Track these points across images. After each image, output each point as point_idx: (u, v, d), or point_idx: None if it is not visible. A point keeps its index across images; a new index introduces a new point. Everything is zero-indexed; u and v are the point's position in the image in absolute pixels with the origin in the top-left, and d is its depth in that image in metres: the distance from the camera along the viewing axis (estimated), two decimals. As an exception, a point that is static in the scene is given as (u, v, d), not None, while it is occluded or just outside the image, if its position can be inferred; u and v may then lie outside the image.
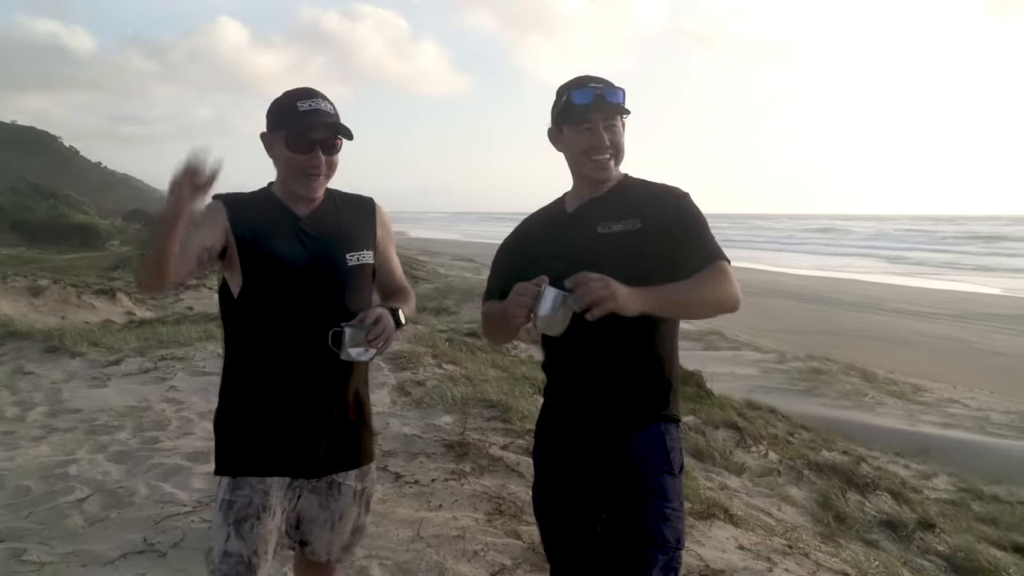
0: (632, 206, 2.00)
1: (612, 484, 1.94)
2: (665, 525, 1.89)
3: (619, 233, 1.96)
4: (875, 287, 28.51)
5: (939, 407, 10.65)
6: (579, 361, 2.00)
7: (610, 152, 2.02)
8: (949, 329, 18.05)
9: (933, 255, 47.71)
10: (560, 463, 2.06)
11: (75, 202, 53.89)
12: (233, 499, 1.95)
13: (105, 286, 16.27)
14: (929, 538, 5.43)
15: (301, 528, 2.11)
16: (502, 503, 3.94)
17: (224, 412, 2.06)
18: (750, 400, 9.22)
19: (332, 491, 2.08)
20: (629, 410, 1.96)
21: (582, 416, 2.01)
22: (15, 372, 7.29)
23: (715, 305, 1.93)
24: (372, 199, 2.21)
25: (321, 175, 2.00)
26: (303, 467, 2.02)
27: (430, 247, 46.38)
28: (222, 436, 2.05)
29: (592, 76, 2.04)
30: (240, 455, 2.00)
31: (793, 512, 5.44)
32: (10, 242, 36.47)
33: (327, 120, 1.96)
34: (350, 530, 2.14)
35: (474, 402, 5.83)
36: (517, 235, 2.22)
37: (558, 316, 1.74)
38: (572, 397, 2.05)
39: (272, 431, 1.99)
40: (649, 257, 1.91)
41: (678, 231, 1.95)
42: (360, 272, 2.07)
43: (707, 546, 3.71)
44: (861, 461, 7.13)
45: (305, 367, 1.98)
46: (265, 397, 2.00)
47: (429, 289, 20.76)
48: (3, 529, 3.63)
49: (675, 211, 1.98)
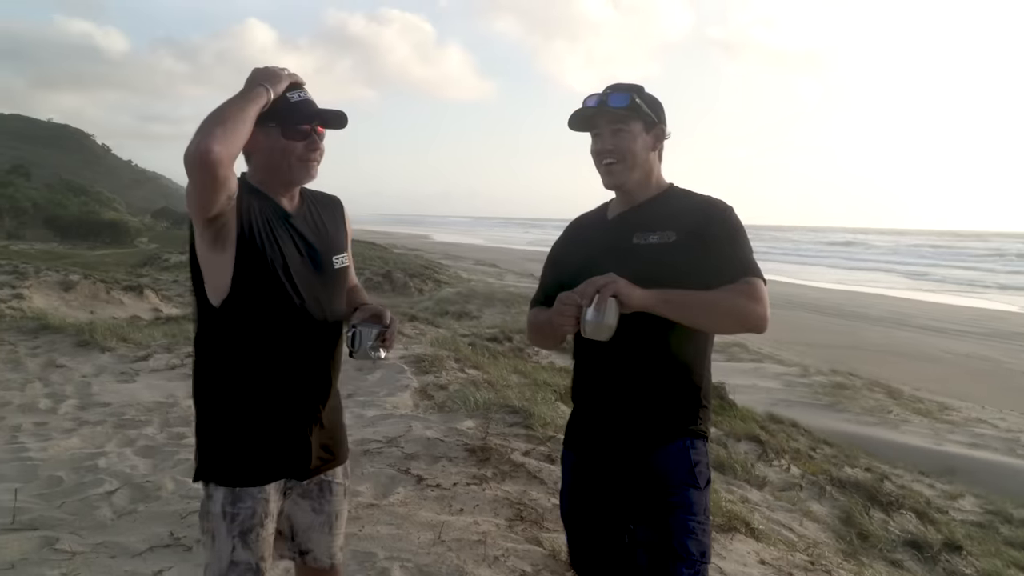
0: (670, 218, 1.98)
1: (639, 496, 1.95)
2: (690, 539, 1.89)
3: (654, 245, 1.95)
4: (901, 302, 28.16)
5: (966, 426, 10.48)
6: (610, 372, 2.00)
7: (614, 157, 2.00)
8: (977, 347, 17.78)
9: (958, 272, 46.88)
10: (588, 471, 2.07)
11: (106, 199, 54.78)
12: (236, 512, 1.92)
13: (133, 282, 16.50)
14: (955, 560, 5.35)
15: (297, 539, 2.10)
16: (523, 509, 3.95)
17: (212, 420, 1.98)
18: (772, 413, 9.15)
19: (324, 492, 2.09)
20: (656, 424, 1.96)
21: (610, 427, 2.01)
22: (48, 365, 7.43)
23: (732, 321, 1.89)
24: (339, 199, 2.21)
25: (318, 161, 2.00)
26: (296, 469, 2.02)
27: (453, 251, 46.53)
28: (212, 445, 1.97)
29: (615, 84, 2.04)
30: (238, 465, 1.95)
31: (815, 528, 5.40)
32: (43, 237, 37.14)
33: (317, 109, 1.98)
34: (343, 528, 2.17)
35: (496, 407, 5.84)
36: (560, 242, 2.24)
37: (604, 322, 1.76)
38: (601, 407, 2.05)
39: (268, 437, 1.96)
40: (682, 270, 1.89)
41: (713, 245, 1.91)
42: (343, 274, 2.11)
43: (728, 559, 3.70)
44: (885, 479, 7.04)
45: (297, 370, 1.97)
46: (257, 402, 1.95)
47: (452, 293, 20.83)
48: (37, 518, 3.70)
49: (713, 225, 1.95)
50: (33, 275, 14.19)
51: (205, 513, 1.96)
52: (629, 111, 1.99)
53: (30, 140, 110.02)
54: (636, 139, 2.00)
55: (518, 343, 11.35)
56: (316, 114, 1.97)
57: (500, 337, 11.51)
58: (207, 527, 1.95)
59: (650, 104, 2.03)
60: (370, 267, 23.62)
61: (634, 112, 1.99)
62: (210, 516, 1.94)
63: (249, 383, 1.95)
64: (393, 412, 5.80)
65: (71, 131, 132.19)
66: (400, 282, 22.59)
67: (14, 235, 37.59)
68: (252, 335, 1.93)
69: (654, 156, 2.06)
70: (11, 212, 43.01)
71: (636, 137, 2.00)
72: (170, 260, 26.37)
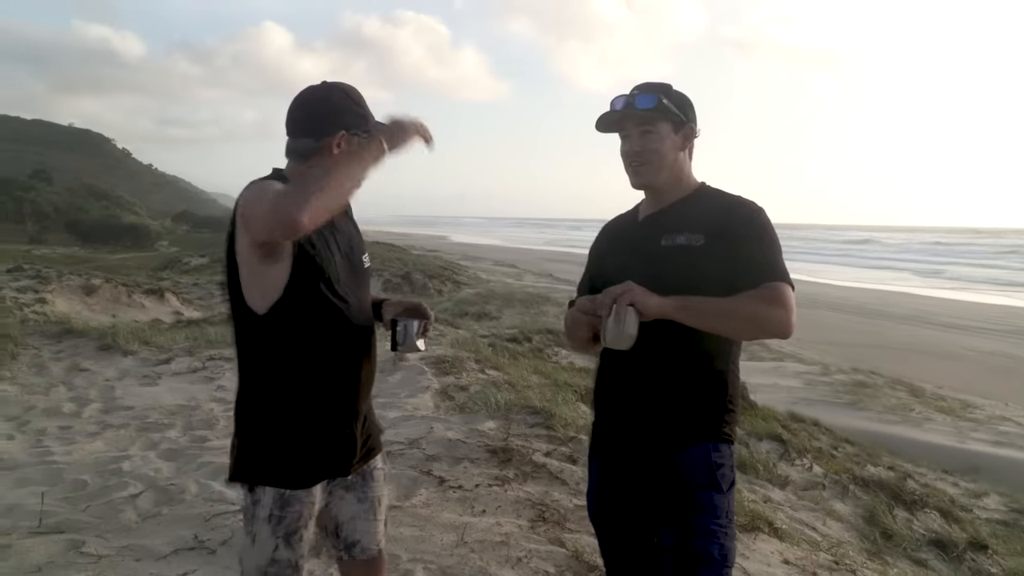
0: (698, 219, 1.96)
1: (662, 499, 1.94)
2: (711, 542, 1.88)
3: (681, 247, 1.93)
4: (922, 300, 27.88)
5: (990, 424, 10.35)
6: (633, 376, 1.99)
7: (642, 159, 1.99)
8: (1001, 345, 17.57)
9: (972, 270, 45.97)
10: (615, 473, 2.07)
11: (126, 203, 55.36)
12: (283, 515, 1.92)
13: (154, 286, 16.67)
14: (981, 559, 5.29)
15: (343, 533, 2.11)
16: (545, 510, 3.94)
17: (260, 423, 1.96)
18: (794, 412, 9.08)
19: (366, 480, 2.12)
20: (680, 427, 1.95)
21: (634, 431, 2.01)
22: (71, 369, 7.51)
23: (753, 327, 1.87)
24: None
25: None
26: (342, 466, 2.05)
27: (471, 252, 46.59)
28: (262, 447, 1.95)
29: (643, 83, 2.03)
30: (289, 468, 1.94)
31: (838, 527, 5.35)
32: (65, 241, 37.58)
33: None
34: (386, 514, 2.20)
35: (517, 408, 5.84)
36: (595, 244, 2.25)
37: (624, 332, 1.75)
38: (625, 411, 2.04)
39: (317, 439, 1.96)
40: (708, 273, 1.88)
41: (739, 247, 1.88)
42: (370, 273, 2.15)
43: (752, 560, 3.68)
44: (908, 477, 6.97)
45: (343, 369, 1.99)
46: (307, 404, 1.95)
47: (471, 294, 20.87)
48: (63, 521, 3.74)
49: (740, 226, 1.92)
50: (56, 279, 14.37)
51: (250, 516, 1.94)
52: (656, 112, 1.97)
53: (52, 145, 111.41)
54: (664, 140, 1.99)
55: (538, 343, 11.35)
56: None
57: (520, 338, 11.51)
58: (250, 528, 1.94)
59: (678, 103, 2.01)
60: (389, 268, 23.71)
61: (661, 113, 1.98)
62: (255, 519, 1.93)
63: (298, 386, 1.94)
64: (414, 414, 5.82)
65: (92, 135, 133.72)
66: (419, 283, 22.68)
67: (36, 239, 38.11)
68: (301, 338, 1.92)
69: (683, 156, 2.04)
70: (33, 216, 43.59)
71: (664, 138, 1.99)
72: (191, 263, 26.62)
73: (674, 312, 1.79)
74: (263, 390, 1.96)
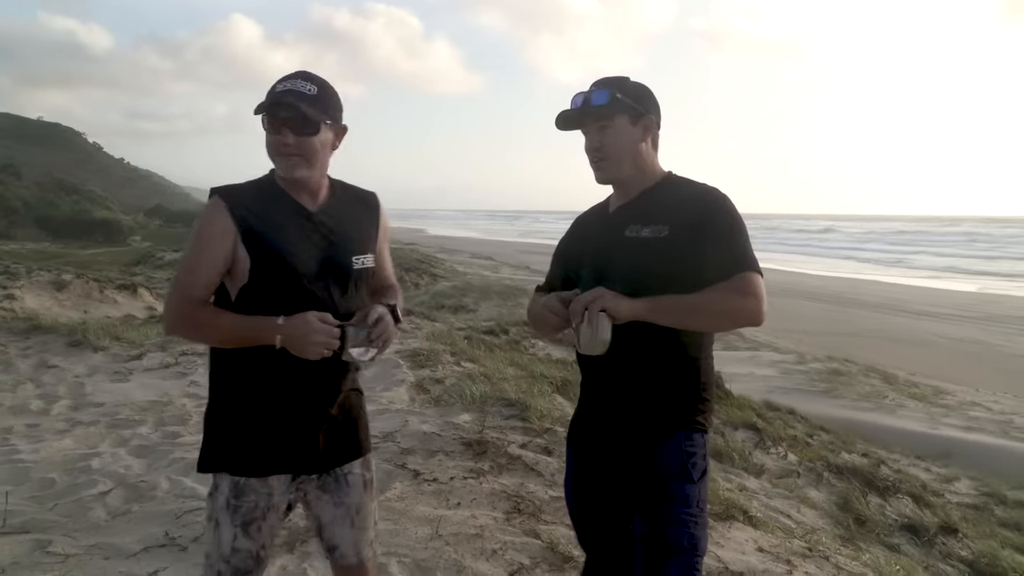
0: (663, 210, 1.95)
1: (636, 487, 1.95)
2: (681, 531, 1.89)
3: (646, 239, 1.94)
4: (894, 288, 28.27)
5: (961, 410, 10.52)
6: (607, 369, 2.01)
7: (602, 154, 2.00)
8: (971, 331, 17.86)
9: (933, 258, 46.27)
10: (591, 461, 2.09)
11: (98, 198, 54.56)
12: (239, 504, 1.96)
13: (127, 281, 16.45)
14: (951, 543, 5.37)
15: (324, 535, 2.12)
16: (521, 502, 3.94)
17: (219, 410, 2.01)
18: (769, 401, 9.17)
19: (340, 485, 2.08)
20: (653, 418, 1.96)
21: (609, 422, 2.02)
22: (40, 366, 7.39)
23: (725, 320, 1.90)
24: (376, 196, 2.17)
25: (292, 155, 1.92)
26: (304, 463, 2.02)
27: (448, 245, 46.46)
28: (218, 434, 2.00)
29: (599, 79, 2.03)
30: (241, 456, 1.97)
31: (813, 514, 5.41)
32: (35, 237, 36.99)
33: (295, 101, 1.88)
34: (371, 523, 2.15)
35: (493, 400, 5.83)
36: (566, 235, 2.26)
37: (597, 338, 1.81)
38: (599, 401, 2.07)
39: (271, 431, 1.97)
40: (674, 265, 1.88)
41: (704, 239, 1.88)
42: (363, 275, 2.06)
43: (726, 547, 3.70)
44: (881, 464, 7.07)
45: (302, 365, 1.92)
46: (263, 396, 1.97)
47: (448, 287, 20.83)
48: (29, 520, 3.67)
49: (705, 217, 1.91)
50: (25, 275, 14.14)
51: (211, 504, 2.00)
52: (611, 107, 1.98)
53: (20, 139, 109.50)
54: (622, 134, 1.99)
55: (514, 336, 11.34)
56: (287, 105, 1.88)
57: (496, 330, 11.50)
58: (211, 514, 1.99)
59: (634, 95, 2.01)
60: (365, 262, 23.57)
61: (616, 107, 1.98)
62: (215, 505, 1.98)
63: (256, 376, 1.95)
64: (389, 407, 5.79)
65: (62, 129, 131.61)
66: (396, 277, 22.57)
67: (5, 235, 37.46)
68: None
69: (646, 146, 2.03)
70: (2, 212, 42.83)
71: (621, 132, 1.99)
72: (164, 258, 26.30)
73: (646, 314, 1.82)
74: (225, 378, 2.00)
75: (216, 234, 1.91)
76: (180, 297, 1.92)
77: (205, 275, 1.92)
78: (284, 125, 1.90)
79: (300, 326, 1.83)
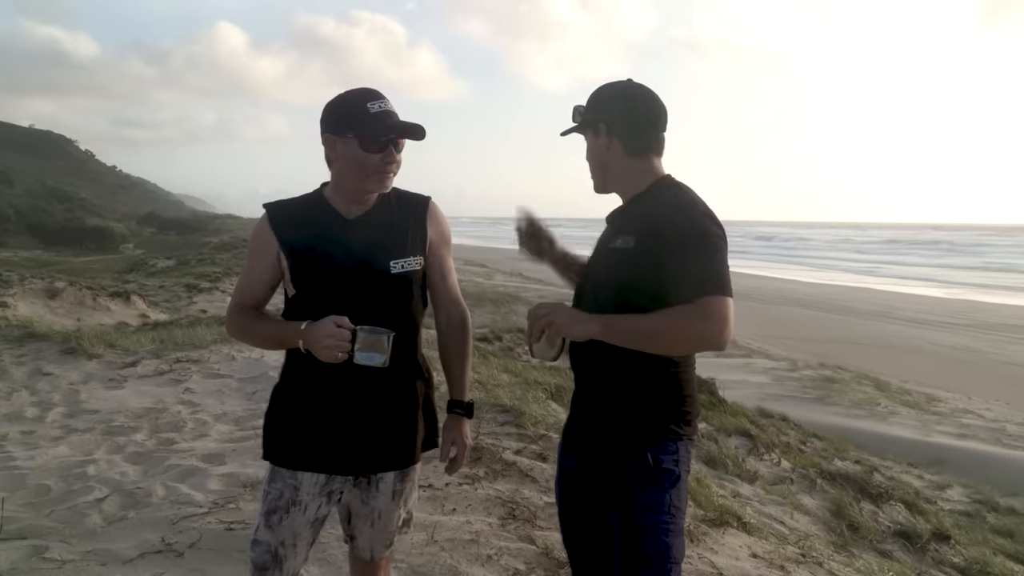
0: (632, 222, 1.92)
1: (612, 493, 1.95)
2: (653, 539, 1.87)
3: (617, 250, 1.92)
4: (886, 295, 28.37)
5: (954, 417, 10.58)
6: (581, 376, 2.06)
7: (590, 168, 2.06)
8: (964, 339, 17.94)
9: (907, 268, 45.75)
10: (575, 466, 2.10)
11: (90, 205, 54.42)
12: (269, 489, 2.07)
13: (120, 288, 16.42)
14: (944, 550, 5.40)
15: (350, 524, 2.22)
16: (516, 508, 3.95)
17: (272, 403, 2.16)
18: (762, 408, 9.21)
19: (371, 488, 2.14)
20: (625, 426, 1.93)
21: (588, 426, 2.04)
22: (34, 373, 7.37)
23: (683, 344, 1.80)
24: (428, 198, 2.19)
25: (394, 172, 2.05)
26: (338, 465, 2.07)
27: (442, 252, 46.32)
28: (266, 423, 2.16)
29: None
30: (277, 446, 2.10)
31: (806, 521, 5.43)
32: (27, 244, 36.86)
33: (397, 121, 1.99)
34: (393, 529, 2.21)
35: (487, 407, 5.84)
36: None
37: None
38: (580, 407, 2.09)
39: (306, 429, 2.06)
40: (638, 280, 1.84)
41: (668, 255, 1.78)
42: (405, 280, 2.06)
43: (720, 554, 3.72)
44: (874, 471, 7.10)
45: (343, 371, 1.95)
46: (305, 395, 2.08)
47: (441, 294, 20.78)
48: (25, 527, 3.67)
49: (674, 233, 1.79)
50: (17, 283, 14.10)
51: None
52: (579, 127, 2.04)
53: (11, 147, 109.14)
54: (589, 149, 2.05)
55: (508, 342, 11.36)
56: (394, 127, 1.99)
57: (490, 337, 11.53)
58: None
59: (591, 104, 2.02)
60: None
61: (581, 125, 2.03)
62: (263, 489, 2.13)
63: (298, 374, 2.08)
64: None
65: (53, 136, 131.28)
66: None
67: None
68: None
69: (617, 152, 1.98)
70: (-6, 220, 42.68)
71: (589, 147, 2.05)
72: (156, 265, 26.24)
73: (600, 335, 1.78)
74: (283, 374, 2.16)
75: (260, 246, 2.09)
76: (231, 305, 2.16)
77: (251, 284, 2.12)
78: (392, 144, 2.00)
79: (315, 330, 1.90)
